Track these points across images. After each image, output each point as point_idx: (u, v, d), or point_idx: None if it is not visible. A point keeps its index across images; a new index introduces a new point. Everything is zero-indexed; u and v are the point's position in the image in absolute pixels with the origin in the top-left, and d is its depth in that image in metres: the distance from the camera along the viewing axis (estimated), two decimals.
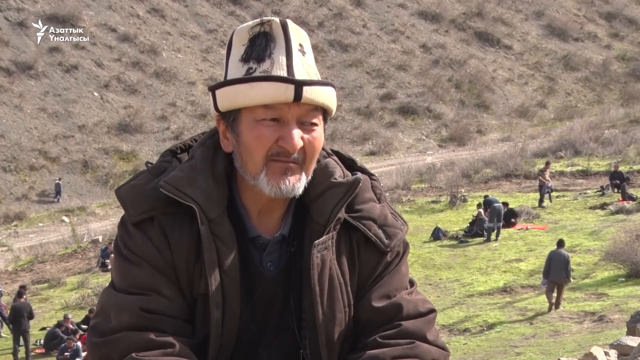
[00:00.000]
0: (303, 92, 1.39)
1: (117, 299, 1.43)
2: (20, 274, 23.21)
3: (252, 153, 1.42)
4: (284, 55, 1.41)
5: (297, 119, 1.42)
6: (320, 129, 1.46)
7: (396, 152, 40.36)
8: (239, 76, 1.43)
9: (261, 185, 1.43)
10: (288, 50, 1.42)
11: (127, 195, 1.48)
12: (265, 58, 1.41)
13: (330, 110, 1.47)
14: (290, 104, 1.40)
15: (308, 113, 1.43)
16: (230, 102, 1.43)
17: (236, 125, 1.44)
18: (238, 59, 1.45)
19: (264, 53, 1.42)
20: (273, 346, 1.52)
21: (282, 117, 1.41)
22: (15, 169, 33.90)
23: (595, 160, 29.84)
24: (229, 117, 1.45)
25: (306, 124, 1.43)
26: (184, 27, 45.12)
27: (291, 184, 1.43)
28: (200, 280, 1.45)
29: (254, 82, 1.40)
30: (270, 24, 1.44)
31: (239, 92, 1.41)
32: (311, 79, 1.42)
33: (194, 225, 1.45)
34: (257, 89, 1.39)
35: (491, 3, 55.83)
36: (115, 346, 1.39)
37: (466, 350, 12.66)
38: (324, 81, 1.44)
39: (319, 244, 1.47)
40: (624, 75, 53.45)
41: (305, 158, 1.44)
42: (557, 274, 14.31)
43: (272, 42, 1.42)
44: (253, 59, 1.42)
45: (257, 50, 1.42)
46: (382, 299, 1.51)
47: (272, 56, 1.41)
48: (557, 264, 14.35)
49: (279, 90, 1.39)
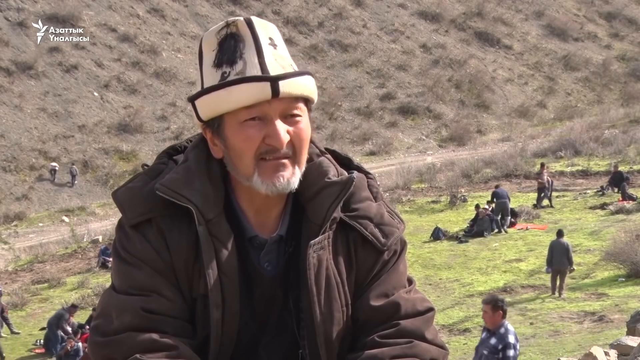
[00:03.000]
0: (280, 87, 1.39)
1: (118, 299, 1.44)
2: (20, 274, 23.22)
3: (242, 155, 1.42)
4: (254, 54, 1.41)
5: (279, 113, 1.42)
6: (304, 119, 1.46)
7: (396, 152, 40.36)
8: (214, 82, 1.42)
9: (256, 186, 1.43)
10: (258, 48, 1.41)
11: (124, 198, 1.48)
12: (236, 60, 1.41)
13: (311, 98, 1.47)
14: (270, 101, 1.40)
15: (289, 105, 1.43)
16: (211, 110, 1.43)
17: (221, 130, 1.44)
18: (210, 65, 1.44)
19: (235, 55, 1.41)
20: (272, 346, 1.53)
21: (264, 114, 1.41)
22: (15, 169, 33.92)
23: (595, 160, 29.83)
24: (213, 124, 1.45)
25: (289, 116, 1.43)
26: (184, 27, 45.15)
27: (285, 180, 1.43)
28: (200, 281, 1.46)
29: (231, 86, 1.39)
30: (236, 24, 1.43)
31: (217, 99, 1.41)
32: (286, 72, 1.41)
33: (191, 226, 1.45)
34: (235, 93, 1.39)
35: (491, 3, 55.83)
36: (119, 347, 1.39)
37: (466, 350, 12.66)
38: (300, 71, 1.44)
39: (315, 243, 1.47)
40: (624, 75, 53.45)
41: (295, 150, 1.44)
42: (559, 261, 15.34)
43: (241, 42, 1.42)
44: (225, 62, 1.42)
45: (227, 53, 1.42)
46: (380, 298, 1.51)
47: (243, 56, 1.41)
48: (558, 253, 15.38)
49: (255, 89, 1.38)
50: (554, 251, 15.48)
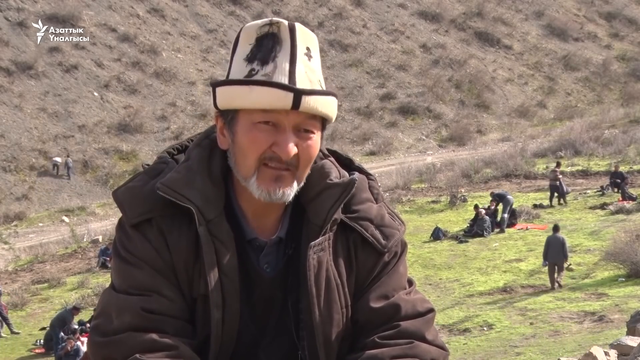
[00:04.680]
0: (302, 101, 1.38)
1: (118, 299, 1.43)
2: (20, 273, 23.21)
3: (246, 155, 1.42)
4: (287, 61, 1.40)
5: (293, 126, 1.41)
6: (316, 137, 1.45)
7: (396, 152, 40.35)
8: (241, 76, 1.41)
9: (251, 189, 1.43)
10: (292, 56, 1.40)
11: (125, 198, 1.48)
12: (269, 61, 1.40)
13: (329, 119, 1.46)
14: (288, 111, 1.39)
15: (305, 121, 1.42)
16: (229, 101, 1.43)
17: (233, 124, 1.44)
18: (243, 57, 1.43)
19: (269, 56, 1.40)
20: (272, 347, 1.52)
21: (278, 122, 1.41)
22: (15, 169, 33.90)
23: (595, 160, 29.84)
24: (227, 115, 1.45)
25: (302, 131, 1.43)
26: (184, 27, 45.13)
27: (281, 191, 1.42)
28: (200, 281, 1.45)
29: (254, 86, 1.39)
30: (278, 26, 1.42)
31: (238, 94, 1.41)
32: (312, 89, 1.40)
33: (192, 226, 1.45)
34: (257, 93, 1.38)
35: (491, 3, 55.82)
36: (119, 347, 1.39)
37: (466, 350, 12.66)
38: (325, 91, 1.43)
39: (315, 245, 1.47)
40: (624, 75, 53.43)
41: (298, 165, 1.43)
42: (555, 256, 15.98)
43: (278, 45, 1.41)
44: (257, 60, 1.41)
45: (262, 52, 1.41)
46: (380, 300, 1.51)
47: (275, 60, 1.40)
48: (554, 247, 16.01)
49: (277, 96, 1.37)
50: (550, 246, 16.06)
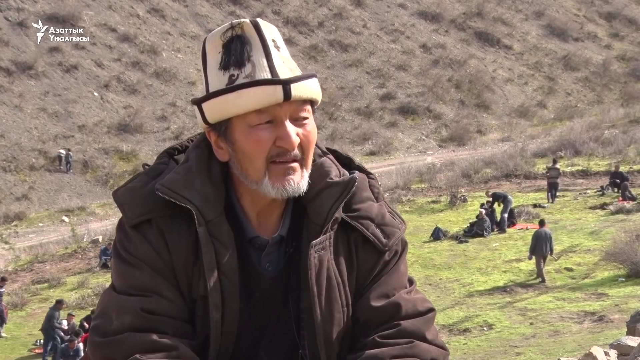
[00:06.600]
0: (291, 90, 1.39)
1: (118, 300, 1.43)
2: (20, 274, 23.20)
3: (252, 159, 1.42)
4: (263, 57, 1.40)
5: (289, 116, 1.42)
6: (311, 121, 1.46)
7: (396, 152, 40.34)
8: (221, 85, 1.41)
9: (266, 189, 1.42)
10: (266, 50, 1.40)
11: (125, 198, 1.48)
12: (245, 62, 1.40)
13: (317, 100, 1.47)
14: (281, 104, 1.39)
15: (298, 108, 1.43)
16: (219, 113, 1.42)
17: (229, 134, 1.43)
18: (216, 67, 1.42)
19: (243, 57, 1.40)
20: (272, 347, 1.52)
21: (275, 117, 1.41)
22: (15, 169, 33.88)
23: (595, 160, 29.84)
24: (220, 127, 1.44)
25: (298, 119, 1.43)
26: (184, 27, 45.11)
27: (296, 183, 1.43)
28: (200, 282, 1.45)
29: (241, 90, 1.38)
30: (241, 26, 1.42)
31: (227, 102, 1.40)
32: (296, 75, 1.41)
33: (191, 227, 1.45)
34: (246, 96, 1.38)
35: (491, 3, 55.81)
36: (119, 347, 1.39)
37: (466, 350, 12.66)
38: (308, 74, 1.44)
39: (316, 244, 1.47)
40: (624, 75, 53.42)
41: (303, 152, 1.44)
42: (542, 249, 16.77)
43: (248, 45, 1.41)
44: (232, 65, 1.40)
45: (234, 56, 1.40)
46: (381, 299, 1.51)
47: (251, 59, 1.40)
48: (541, 241, 16.75)
49: (267, 93, 1.38)
50: (537, 240, 16.78)
